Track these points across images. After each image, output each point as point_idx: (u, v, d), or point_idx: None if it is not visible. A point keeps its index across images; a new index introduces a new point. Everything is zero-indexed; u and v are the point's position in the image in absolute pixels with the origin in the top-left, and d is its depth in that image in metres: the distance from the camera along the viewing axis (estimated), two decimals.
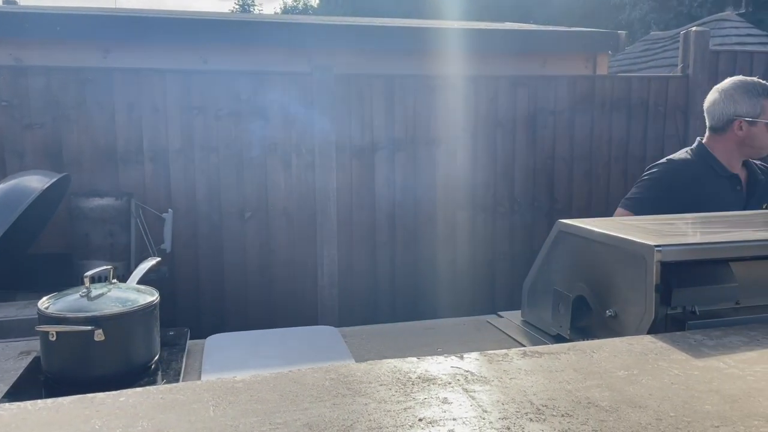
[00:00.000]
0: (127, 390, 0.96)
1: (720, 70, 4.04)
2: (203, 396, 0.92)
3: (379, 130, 3.55)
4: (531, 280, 1.85)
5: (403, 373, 1.00)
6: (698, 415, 0.85)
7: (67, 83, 3.14)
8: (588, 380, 0.98)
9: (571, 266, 1.67)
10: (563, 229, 1.71)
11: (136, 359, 1.39)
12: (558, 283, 1.68)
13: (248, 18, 6.08)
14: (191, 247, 3.34)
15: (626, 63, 8.74)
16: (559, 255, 1.73)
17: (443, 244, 3.64)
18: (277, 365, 1.40)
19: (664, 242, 1.35)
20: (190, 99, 3.30)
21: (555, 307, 1.67)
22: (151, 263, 1.65)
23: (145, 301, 1.40)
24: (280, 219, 3.46)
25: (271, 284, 3.46)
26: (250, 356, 1.56)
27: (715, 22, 8.42)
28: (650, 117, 3.94)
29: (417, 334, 1.76)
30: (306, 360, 1.51)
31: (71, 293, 1.42)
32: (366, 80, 3.54)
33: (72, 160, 3.14)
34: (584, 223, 1.66)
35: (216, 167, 3.35)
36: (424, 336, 1.74)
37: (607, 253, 1.50)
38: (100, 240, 2.66)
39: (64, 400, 0.93)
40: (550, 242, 1.78)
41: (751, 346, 1.10)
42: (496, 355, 1.09)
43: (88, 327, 1.30)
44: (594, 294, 1.53)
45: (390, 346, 1.64)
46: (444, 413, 0.87)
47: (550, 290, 1.70)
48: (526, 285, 1.86)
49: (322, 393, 0.93)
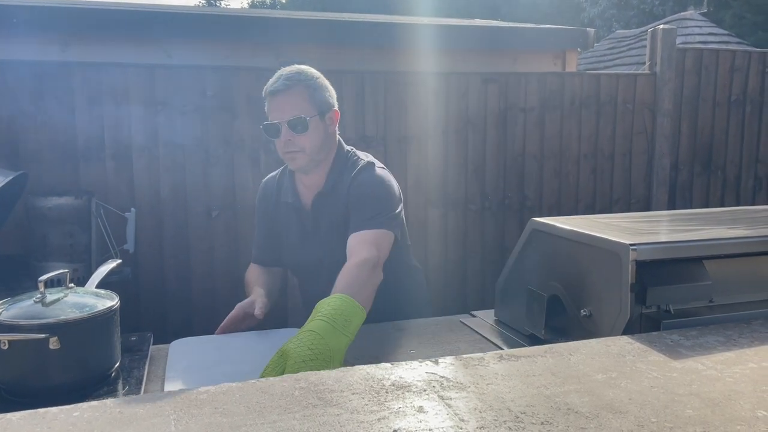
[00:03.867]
0: (82, 404, 0.90)
1: (687, 67, 4.09)
2: (164, 409, 0.87)
3: (349, 128, 3.49)
4: (504, 279, 1.83)
5: (377, 381, 0.96)
6: (680, 420, 0.83)
7: (24, 77, 3.01)
8: (566, 384, 0.95)
9: (544, 265, 1.65)
10: (536, 227, 1.70)
11: (95, 368, 1.32)
12: (532, 283, 1.66)
13: (214, 11, 5.96)
14: (156, 247, 3.25)
15: (593, 61, 8.84)
16: (533, 254, 1.71)
17: (415, 242, 3.60)
18: (246, 372, 1.34)
19: (638, 241, 1.34)
20: (154, 94, 3.20)
21: (529, 306, 1.65)
22: (111, 265, 1.58)
23: (104, 306, 1.33)
24: (249, 217, 3.37)
25: (240, 284, 3.37)
26: (217, 362, 1.50)
27: (679, 21, 8.57)
28: (619, 114, 3.97)
29: (388, 335, 1.72)
30: None
31: (25, 299, 1.34)
32: (335, 76, 3.44)
33: (29, 158, 3.02)
34: (558, 222, 1.64)
35: (181, 164, 3.25)
36: (396, 337, 1.71)
37: (582, 252, 1.48)
38: (59, 241, 2.56)
39: (13, 416, 0.87)
40: (523, 241, 1.75)
41: (728, 346, 1.09)
42: (472, 359, 1.06)
43: (43, 335, 1.22)
44: (568, 293, 1.51)
45: (360, 348, 1.60)
46: (420, 423, 0.83)
47: (523, 289, 1.68)
48: (499, 284, 1.84)
49: (292, 404, 0.88)
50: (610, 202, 4.01)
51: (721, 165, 4.24)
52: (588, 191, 3.99)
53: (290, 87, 1.83)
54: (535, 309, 1.62)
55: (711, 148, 4.21)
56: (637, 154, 4.03)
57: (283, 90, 1.83)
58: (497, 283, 1.86)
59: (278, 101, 1.84)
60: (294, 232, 1.96)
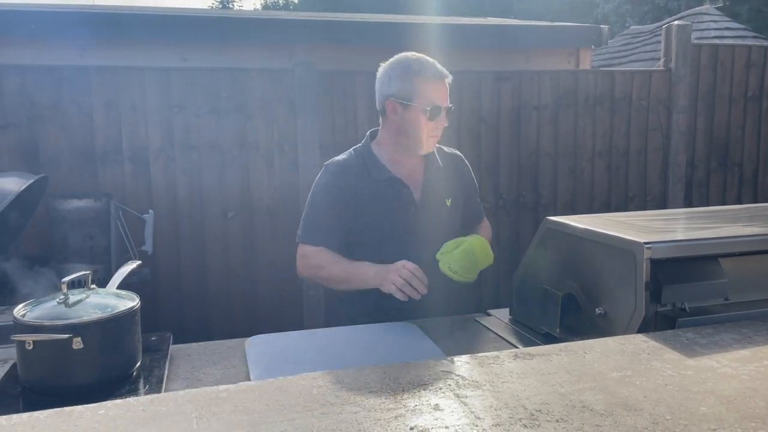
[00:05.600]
0: (107, 402, 0.92)
1: (702, 63, 4.06)
2: (186, 407, 0.89)
3: (363, 127, 3.51)
4: (519, 278, 1.83)
5: (393, 379, 0.98)
6: (695, 417, 0.84)
7: (43, 82, 3.07)
8: (581, 382, 0.96)
9: (559, 264, 1.66)
10: (551, 226, 1.70)
11: (117, 367, 1.34)
12: (546, 281, 1.66)
13: (228, 14, 6.01)
14: (173, 248, 3.29)
15: (607, 57, 8.78)
16: (547, 253, 1.72)
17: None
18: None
19: (653, 239, 1.34)
20: (170, 97, 3.24)
21: (543, 305, 1.66)
22: (131, 267, 1.61)
23: (126, 306, 1.36)
24: (264, 218, 3.41)
25: (255, 284, 3.42)
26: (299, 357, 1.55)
27: (694, 16, 8.49)
28: (633, 111, 3.95)
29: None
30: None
31: (48, 300, 1.37)
32: (349, 77, 3.50)
33: (49, 161, 3.07)
34: (572, 220, 1.64)
35: (197, 166, 3.29)
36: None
37: (596, 251, 1.48)
38: (79, 243, 2.60)
39: (40, 414, 0.89)
40: (537, 239, 1.76)
41: (743, 344, 1.09)
42: (487, 357, 1.07)
43: (66, 335, 1.25)
44: (583, 292, 1.52)
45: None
46: (436, 421, 0.84)
47: (538, 288, 1.68)
48: (514, 282, 1.85)
49: (310, 401, 0.90)
50: (625, 200, 3.99)
51: (737, 161, 4.20)
52: (603, 189, 3.97)
53: (447, 77, 1.95)
54: (550, 308, 1.63)
55: (727, 145, 4.17)
56: (652, 151, 4.00)
57: (444, 78, 1.94)
58: (512, 282, 1.86)
59: (444, 88, 1.94)
60: (399, 208, 1.98)
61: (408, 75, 1.90)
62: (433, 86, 1.90)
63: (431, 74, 1.91)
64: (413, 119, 1.91)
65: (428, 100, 1.89)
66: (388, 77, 1.95)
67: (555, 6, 19.57)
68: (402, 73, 1.92)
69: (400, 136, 1.96)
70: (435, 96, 1.90)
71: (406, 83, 1.90)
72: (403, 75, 1.92)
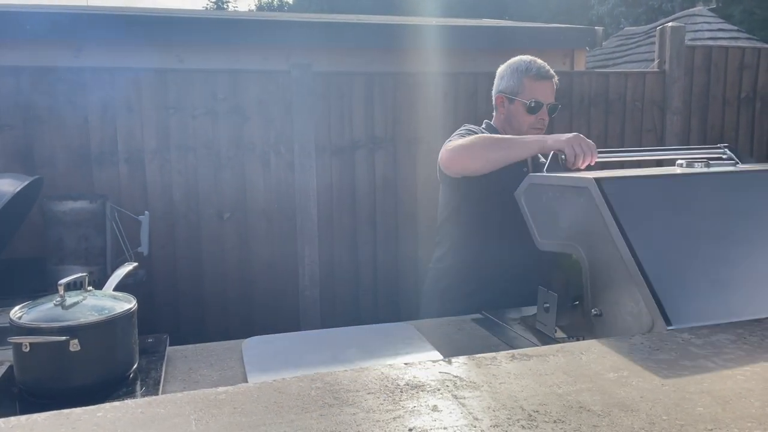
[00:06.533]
0: (105, 404, 0.92)
1: (696, 65, 4.08)
2: (184, 409, 0.89)
3: (359, 129, 3.52)
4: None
5: (391, 380, 0.98)
6: (691, 417, 0.84)
7: (38, 83, 3.06)
8: (578, 383, 0.96)
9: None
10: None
11: (114, 369, 1.34)
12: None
13: (225, 15, 6.00)
14: (169, 250, 3.28)
15: (601, 58, 8.81)
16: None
17: (425, 243, 3.61)
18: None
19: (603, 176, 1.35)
20: (166, 98, 3.23)
21: (540, 305, 1.67)
22: (127, 268, 1.60)
23: (122, 308, 1.36)
24: (260, 219, 3.41)
25: (252, 286, 3.41)
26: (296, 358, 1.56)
27: (688, 17, 8.53)
28: (628, 112, 3.97)
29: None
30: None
31: (45, 302, 1.37)
32: (345, 78, 3.50)
33: (44, 163, 3.06)
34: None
35: (193, 167, 3.29)
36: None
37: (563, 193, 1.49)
38: (75, 244, 2.59)
39: (38, 416, 0.89)
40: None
41: (738, 345, 1.10)
42: (485, 358, 1.07)
43: (63, 337, 1.25)
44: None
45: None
46: (434, 422, 0.85)
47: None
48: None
49: (308, 403, 0.90)
50: None
51: None
52: None
53: (554, 77, 2.22)
54: (547, 308, 1.64)
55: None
56: None
57: (551, 78, 2.20)
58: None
59: (547, 86, 2.19)
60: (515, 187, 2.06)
61: (516, 74, 2.19)
62: (537, 84, 2.16)
63: (536, 73, 2.17)
64: (517, 112, 2.18)
65: (531, 96, 2.15)
66: (501, 75, 2.25)
67: (550, 7, 19.62)
68: (512, 72, 2.21)
69: (507, 127, 2.22)
70: (538, 93, 2.16)
71: (514, 80, 2.19)
72: (513, 73, 2.20)
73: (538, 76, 2.17)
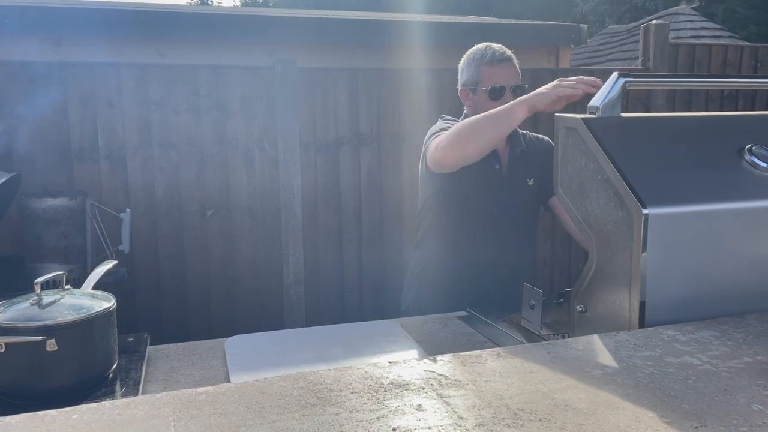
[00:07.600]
0: (81, 406, 0.90)
1: (679, 62, 4.11)
2: (163, 410, 0.87)
3: (344, 125, 3.50)
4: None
5: (375, 379, 0.97)
6: (676, 414, 0.84)
7: (16, 78, 3.00)
8: (564, 381, 0.96)
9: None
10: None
11: (92, 370, 1.32)
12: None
13: (208, 10, 5.95)
14: (151, 248, 3.24)
15: (586, 56, 8.86)
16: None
17: (410, 240, 3.61)
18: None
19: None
20: (148, 94, 3.19)
21: (525, 303, 1.66)
22: (107, 267, 1.57)
23: (101, 307, 1.33)
24: (244, 217, 3.38)
25: (236, 284, 3.38)
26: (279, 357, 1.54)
27: (671, 16, 8.60)
28: None
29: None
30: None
31: (21, 301, 1.34)
32: (329, 74, 3.48)
33: (23, 159, 3.00)
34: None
35: (176, 164, 3.25)
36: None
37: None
38: (54, 242, 2.55)
39: (12, 419, 0.86)
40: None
41: (722, 341, 1.10)
42: (470, 356, 1.06)
43: (40, 337, 1.22)
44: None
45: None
46: (419, 421, 0.83)
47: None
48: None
49: (290, 403, 0.89)
50: None
51: None
52: None
53: (511, 58, 2.12)
54: (532, 305, 1.63)
55: None
56: None
57: (509, 60, 2.11)
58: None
59: (505, 68, 2.10)
60: (489, 180, 2.11)
61: (473, 63, 2.11)
62: (494, 69, 2.09)
63: (491, 58, 2.09)
64: (481, 101, 2.09)
65: (491, 82, 2.07)
66: (461, 68, 2.17)
67: (534, 5, 19.69)
68: (469, 63, 2.13)
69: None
70: (497, 78, 2.08)
71: (472, 70, 2.12)
72: (470, 64, 2.13)
73: (494, 61, 2.08)
